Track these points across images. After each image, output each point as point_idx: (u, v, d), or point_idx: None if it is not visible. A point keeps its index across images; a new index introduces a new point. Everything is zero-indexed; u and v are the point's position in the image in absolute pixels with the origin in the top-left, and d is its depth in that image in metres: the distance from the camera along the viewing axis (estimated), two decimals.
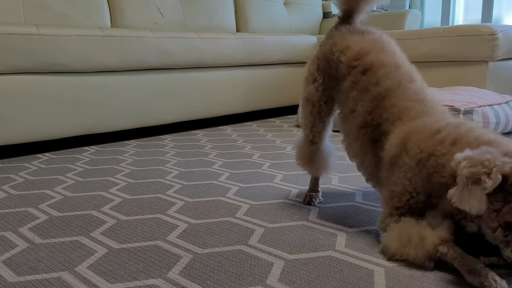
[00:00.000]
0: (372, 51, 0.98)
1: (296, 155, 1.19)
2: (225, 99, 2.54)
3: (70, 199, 1.27)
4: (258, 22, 3.23)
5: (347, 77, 1.00)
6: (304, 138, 1.16)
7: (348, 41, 1.02)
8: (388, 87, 0.92)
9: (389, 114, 0.91)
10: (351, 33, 1.04)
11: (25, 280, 0.80)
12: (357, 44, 1.00)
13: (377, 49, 0.98)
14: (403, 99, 0.90)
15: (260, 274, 0.80)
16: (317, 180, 1.22)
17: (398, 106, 0.90)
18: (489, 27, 2.27)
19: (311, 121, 1.12)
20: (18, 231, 1.03)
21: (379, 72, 0.94)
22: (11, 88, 1.76)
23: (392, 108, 0.91)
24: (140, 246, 0.93)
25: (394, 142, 0.88)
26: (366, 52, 0.98)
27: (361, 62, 0.97)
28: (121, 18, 2.51)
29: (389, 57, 0.96)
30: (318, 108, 1.10)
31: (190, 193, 1.30)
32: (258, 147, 1.96)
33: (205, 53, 2.38)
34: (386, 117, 0.91)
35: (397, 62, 0.95)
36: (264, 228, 1.02)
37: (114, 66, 2.03)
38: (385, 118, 0.91)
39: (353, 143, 0.99)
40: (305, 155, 1.16)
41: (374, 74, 0.95)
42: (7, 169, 1.64)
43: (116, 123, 2.09)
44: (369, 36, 1.01)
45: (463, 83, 2.37)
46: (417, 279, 0.77)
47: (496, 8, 3.93)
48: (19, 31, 1.74)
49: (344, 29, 1.07)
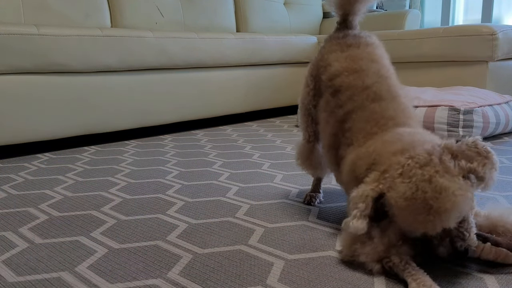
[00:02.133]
0: (343, 73, 0.98)
1: (296, 155, 1.22)
2: (225, 99, 2.54)
3: (70, 199, 1.27)
4: (258, 22, 3.23)
5: (324, 95, 1.02)
6: (302, 138, 1.20)
7: (330, 58, 1.03)
8: (349, 110, 0.93)
9: (345, 138, 0.93)
10: (338, 46, 1.04)
11: (25, 280, 0.80)
12: (335, 63, 1.01)
13: (350, 70, 0.97)
14: (358, 121, 0.91)
15: (260, 274, 0.80)
16: (319, 181, 1.23)
17: (352, 130, 0.92)
18: (489, 27, 2.27)
19: (305, 122, 1.16)
20: (18, 231, 1.03)
21: (344, 95, 0.95)
22: (11, 88, 1.76)
23: (348, 132, 0.92)
24: (140, 246, 0.93)
25: (346, 168, 0.91)
26: (339, 73, 0.98)
27: (332, 84, 0.99)
28: (121, 18, 2.51)
29: (360, 78, 0.96)
30: (310, 111, 1.13)
31: (190, 193, 1.30)
32: (258, 147, 1.96)
33: (205, 53, 2.38)
34: (343, 141, 0.93)
35: (366, 83, 0.94)
36: (264, 228, 1.02)
37: (114, 66, 2.03)
38: (343, 142, 0.94)
39: (326, 156, 1.03)
40: (303, 154, 1.19)
41: (340, 96, 0.96)
42: (7, 169, 1.64)
43: (116, 123, 2.09)
44: (350, 52, 1.00)
45: (463, 83, 2.37)
46: None
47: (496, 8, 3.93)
48: (19, 31, 1.74)
49: (336, 39, 1.06)
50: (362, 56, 1.00)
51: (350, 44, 1.03)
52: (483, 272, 0.79)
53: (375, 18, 3.48)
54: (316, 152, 1.16)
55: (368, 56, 1.00)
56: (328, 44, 1.08)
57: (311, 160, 1.17)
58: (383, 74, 0.97)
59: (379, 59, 1.00)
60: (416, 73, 2.54)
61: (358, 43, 1.03)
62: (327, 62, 1.03)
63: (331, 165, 1.01)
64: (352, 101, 0.94)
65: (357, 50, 1.01)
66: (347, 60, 1.00)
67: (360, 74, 0.97)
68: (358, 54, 1.01)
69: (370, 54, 1.01)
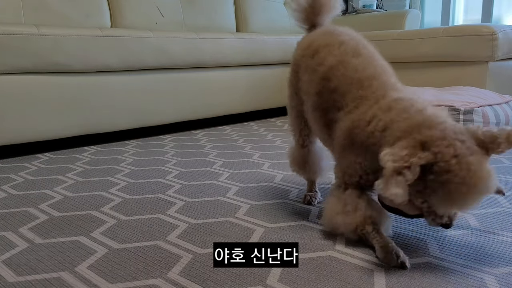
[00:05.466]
0: (319, 38, 1.04)
1: (290, 163, 1.22)
2: (225, 99, 2.54)
3: (70, 199, 1.27)
4: (258, 22, 3.23)
5: (301, 65, 1.06)
6: (295, 143, 1.19)
7: (305, 39, 1.10)
8: (331, 66, 0.95)
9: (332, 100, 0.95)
10: (310, 34, 1.11)
11: (25, 280, 0.80)
12: (309, 37, 1.08)
13: (323, 34, 1.04)
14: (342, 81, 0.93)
15: (260, 274, 0.80)
16: (313, 182, 1.23)
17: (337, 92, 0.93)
18: (489, 27, 2.27)
19: (298, 125, 1.16)
20: (18, 231, 1.03)
21: (323, 52, 0.99)
22: (11, 88, 1.76)
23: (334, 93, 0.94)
24: (140, 246, 0.93)
25: (340, 134, 0.93)
26: (314, 39, 1.04)
27: (310, 49, 1.03)
28: (121, 18, 2.51)
29: (333, 37, 1.01)
30: (301, 112, 1.12)
31: (190, 193, 1.30)
32: (258, 147, 1.96)
33: (205, 53, 2.38)
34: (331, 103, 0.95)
35: (341, 40, 0.99)
36: (264, 228, 1.02)
37: (114, 66, 2.03)
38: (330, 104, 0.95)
39: (313, 125, 1.05)
40: (298, 160, 1.19)
41: (320, 55, 0.99)
42: (7, 169, 1.64)
43: (116, 123, 2.09)
44: (321, 29, 1.09)
45: (463, 83, 2.37)
46: (417, 279, 0.77)
47: (496, 8, 3.93)
48: (19, 31, 1.74)
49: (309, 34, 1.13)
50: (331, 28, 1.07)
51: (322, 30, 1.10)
52: (483, 272, 0.79)
53: (375, 18, 3.48)
54: (312, 156, 1.16)
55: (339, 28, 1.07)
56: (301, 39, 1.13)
57: (308, 165, 1.17)
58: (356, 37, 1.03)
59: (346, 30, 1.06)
60: (416, 73, 2.54)
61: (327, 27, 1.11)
62: (302, 45, 1.08)
63: (319, 127, 1.01)
64: (332, 55, 0.96)
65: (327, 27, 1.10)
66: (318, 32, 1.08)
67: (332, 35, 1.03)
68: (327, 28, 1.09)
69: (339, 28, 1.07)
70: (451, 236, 0.95)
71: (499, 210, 1.11)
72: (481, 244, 0.91)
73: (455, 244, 0.91)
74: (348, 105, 0.91)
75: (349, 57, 0.95)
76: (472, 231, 0.98)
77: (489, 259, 0.84)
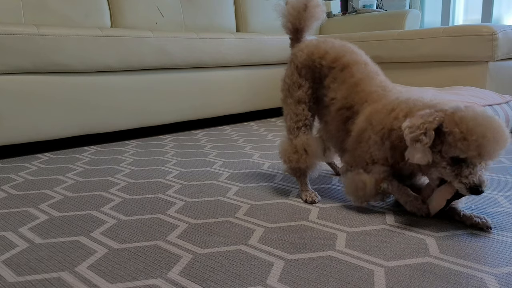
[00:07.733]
0: (346, 53, 1.21)
1: (287, 158, 1.24)
2: (225, 99, 2.54)
3: (70, 199, 1.27)
4: (258, 22, 3.23)
5: (328, 75, 1.21)
6: (296, 133, 1.25)
7: (323, 48, 1.23)
8: (359, 78, 1.16)
9: (359, 97, 1.14)
10: (317, 42, 1.26)
11: (25, 280, 0.80)
12: (332, 50, 1.22)
13: (349, 52, 1.21)
14: (369, 86, 1.14)
15: (260, 274, 0.80)
16: (305, 177, 1.24)
17: (365, 91, 1.13)
18: (489, 27, 2.27)
19: (305, 116, 1.25)
20: (18, 231, 1.03)
21: (353, 68, 1.18)
22: (11, 88, 1.76)
23: (361, 93, 1.14)
24: (140, 246, 0.93)
25: (362, 118, 1.11)
26: (342, 55, 1.20)
27: (339, 63, 1.19)
28: (121, 18, 2.51)
29: (359, 57, 1.20)
30: (309, 106, 1.26)
31: (190, 193, 1.30)
32: (258, 147, 1.96)
33: (205, 53, 2.38)
34: (357, 100, 1.14)
35: (366, 61, 1.20)
36: (264, 228, 1.02)
37: (114, 66, 2.03)
38: (356, 101, 1.14)
39: (330, 125, 1.21)
40: (301, 147, 1.22)
41: (350, 69, 1.18)
42: (7, 169, 1.64)
43: (116, 123, 2.09)
44: (334, 43, 1.24)
45: (463, 83, 2.37)
46: (417, 279, 0.77)
47: (496, 8, 3.93)
48: (19, 31, 1.74)
49: (306, 42, 1.30)
50: (348, 45, 1.26)
51: (323, 41, 1.28)
52: (483, 272, 0.79)
53: (375, 18, 3.48)
54: (315, 141, 1.23)
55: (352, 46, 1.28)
56: (304, 45, 1.29)
57: (312, 149, 1.22)
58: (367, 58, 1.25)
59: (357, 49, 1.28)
60: (416, 73, 2.54)
61: (327, 40, 1.28)
62: (322, 53, 1.23)
63: (338, 124, 1.19)
64: (359, 73, 1.16)
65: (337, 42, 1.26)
66: (339, 47, 1.24)
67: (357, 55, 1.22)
68: (342, 44, 1.26)
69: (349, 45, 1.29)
70: (451, 236, 0.95)
71: (499, 210, 1.11)
72: (481, 244, 0.91)
73: (455, 244, 0.91)
74: (368, 101, 1.12)
75: (373, 74, 1.17)
76: (472, 231, 0.98)
77: (489, 259, 0.84)
